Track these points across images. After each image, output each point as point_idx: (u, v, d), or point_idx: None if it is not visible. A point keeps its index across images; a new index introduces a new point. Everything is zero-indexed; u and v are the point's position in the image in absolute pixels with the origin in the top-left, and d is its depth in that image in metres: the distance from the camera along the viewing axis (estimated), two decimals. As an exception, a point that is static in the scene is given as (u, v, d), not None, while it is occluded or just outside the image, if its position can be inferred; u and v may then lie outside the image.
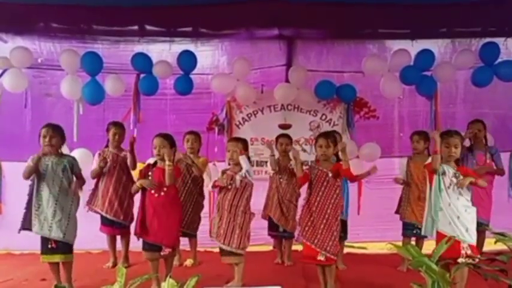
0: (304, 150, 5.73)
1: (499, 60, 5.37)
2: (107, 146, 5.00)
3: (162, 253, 4.06)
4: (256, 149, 5.54)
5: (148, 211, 4.08)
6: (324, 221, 3.95)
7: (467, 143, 4.97)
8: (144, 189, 4.12)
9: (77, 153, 5.30)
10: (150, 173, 4.13)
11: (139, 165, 4.82)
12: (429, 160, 3.95)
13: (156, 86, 5.47)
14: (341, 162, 4.05)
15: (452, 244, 3.35)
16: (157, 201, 4.06)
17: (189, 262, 5.09)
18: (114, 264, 4.98)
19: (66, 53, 5.37)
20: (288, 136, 5.20)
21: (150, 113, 5.79)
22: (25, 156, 4.10)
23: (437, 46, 5.79)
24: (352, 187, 5.65)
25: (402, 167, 4.98)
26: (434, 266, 2.96)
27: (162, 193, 4.08)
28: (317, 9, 5.12)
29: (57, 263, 4.08)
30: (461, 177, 3.76)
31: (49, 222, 3.96)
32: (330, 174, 3.96)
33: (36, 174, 4.01)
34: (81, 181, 4.21)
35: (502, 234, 3.35)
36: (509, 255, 3.23)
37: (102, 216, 4.94)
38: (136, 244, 4.43)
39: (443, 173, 3.79)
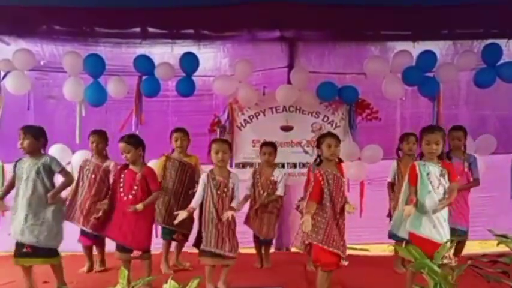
0: (306, 152, 5.72)
1: (502, 61, 5.36)
2: (92, 156, 4.92)
3: (132, 255, 4.06)
4: (258, 151, 5.51)
5: (117, 213, 4.09)
6: (343, 225, 3.93)
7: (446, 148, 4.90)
8: (113, 192, 4.13)
9: (78, 155, 5.32)
10: (122, 176, 4.13)
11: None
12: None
13: (158, 88, 5.49)
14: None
15: (434, 247, 3.35)
16: (126, 204, 4.04)
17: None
18: (90, 269, 4.93)
19: (69, 55, 5.39)
20: (272, 144, 5.16)
21: (152, 115, 5.80)
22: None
23: (438, 48, 5.78)
24: (354, 189, 5.67)
25: (392, 169, 4.97)
26: (436, 268, 2.95)
27: (131, 196, 4.06)
28: (318, 11, 5.13)
29: (30, 267, 4.01)
30: (447, 176, 3.74)
31: (21, 226, 3.89)
32: (343, 179, 3.93)
33: (15, 178, 3.99)
34: (67, 179, 4.09)
35: (504, 236, 3.34)
36: (511, 257, 3.22)
37: (81, 230, 4.86)
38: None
39: (428, 173, 3.74)
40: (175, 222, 4.11)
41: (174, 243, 5.07)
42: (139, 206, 3.99)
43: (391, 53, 5.87)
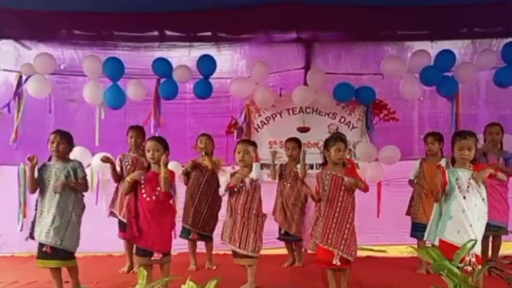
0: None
1: (522, 60, 5.29)
2: (129, 150, 5.05)
3: (152, 258, 4.02)
4: (272, 150, 5.51)
5: (140, 215, 4.06)
6: (348, 225, 3.93)
7: (481, 145, 4.85)
8: (135, 193, 4.11)
9: (98, 158, 5.39)
10: (143, 177, 4.11)
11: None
12: (442, 162, 3.89)
13: (176, 91, 5.54)
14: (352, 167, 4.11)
15: (455, 252, 3.31)
16: (148, 205, 4.03)
17: (207, 266, 5.13)
18: (130, 269, 4.99)
19: (89, 59, 5.47)
20: (296, 140, 5.24)
21: (170, 117, 5.87)
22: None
23: (457, 47, 5.72)
24: (372, 190, 5.62)
25: (415, 168, 4.96)
26: (456, 270, 2.92)
27: (154, 197, 4.03)
28: (335, 12, 5.12)
29: (59, 269, 4.05)
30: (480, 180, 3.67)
31: (47, 228, 3.94)
32: (346, 179, 3.93)
33: (41, 181, 4.03)
34: (82, 186, 4.12)
35: (525, 237, 3.30)
36: (533, 259, 3.17)
37: (119, 222, 4.96)
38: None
39: (458, 178, 3.69)
40: None
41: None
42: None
43: (409, 52, 5.84)
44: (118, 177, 4.94)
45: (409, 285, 4.41)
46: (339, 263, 3.85)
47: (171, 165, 5.04)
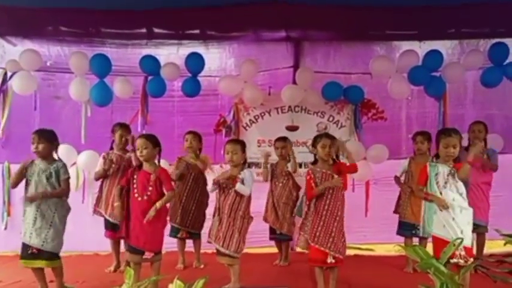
0: (312, 152, 5.70)
1: (508, 60, 5.32)
2: (111, 148, 4.99)
3: (143, 257, 4.01)
4: (264, 151, 5.50)
5: (131, 214, 4.05)
6: (335, 223, 3.94)
7: (465, 142, 4.90)
8: (128, 192, 4.09)
9: (84, 156, 5.34)
10: (135, 176, 4.10)
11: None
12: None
13: (164, 88, 5.50)
14: (342, 161, 4.11)
15: (445, 246, 3.34)
16: (140, 205, 4.01)
17: (195, 265, 5.12)
18: (116, 268, 4.94)
19: (75, 55, 5.41)
20: (284, 139, 5.23)
21: (157, 115, 5.82)
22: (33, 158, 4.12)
23: (445, 47, 5.75)
24: (360, 189, 5.66)
25: (403, 166, 5.00)
26: (442, 268, 2.94)
27: (145, 197, 4.01)
28: (324, 11, 5.11)
29: (41, 269, 4.00)
30: (457, 175, 3.74)
31: (30, 229, 3.90)
32: (335, 176, 3.95)
33: (25, 181, 3.99)
34: (61, 193, 4.02)
35: (511, 236, 3.33)
36: (518, 257, 3.20)
37: (105, 221, 4.90)
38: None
39: (437, 173, 3.77)
40: None
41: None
42: (152, 212, 3.92)
43: (397, 52, 5.86)
44: (102, 176, 4.88)
45: (397, 284, 4.42)
46: (333, 261, 3.88)
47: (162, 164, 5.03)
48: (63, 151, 5.21)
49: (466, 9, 5.05)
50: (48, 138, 4.04)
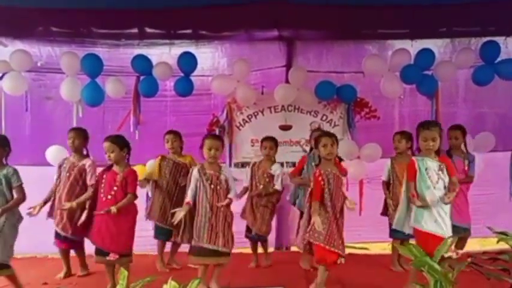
0: (305, 151, 5.71)
1: (500, 59, 5.35)
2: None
3: (107, 258, 3.97)
4: (257, 151, 5.50)
5: (97, 215, 4.01)
6: (339, 223, 3.96)
7: (445, 146, 4.88)
8: (96, 192, 4.07)
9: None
10: (104, 176, 4.07)
11: (139, 168, 4.81)
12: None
13: (156, 88, 5.47)
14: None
15: (438, 241, 3.36)
16: (105, 204, 3.97)
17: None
18: (67, 275, 4.74)
19: (67, 55, 5.37)
20: (273, 139, 5.12)
21: (150, 115, 5.79)
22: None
23: (436, 46, 5.77)
24: (354, 187, 5.66)
25: (386, 168, 4.97)
26: (436, 266, 2.95)
27: (110, 196, 3.98)
28: (316, 10, 5.12)
29: (13, 275, 3.89)
30: (446, 170, 3.78)
31: None
32: (342, 177, 3.96)
33: None
34: (19, 199, 3.86)
35: (504, 233, 3.35)
36: (511, 254, 3.22)
37: (56, 231, 4.63)
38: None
39: (427, 168, 3.77)
40: (175, 222, 4.05)
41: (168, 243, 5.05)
42: (113, 209, 3.88)
43: (389, 51, 5.88)
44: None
45: (391, 282, 4.43)
46: (343, 262, 3.91)
47: (150, 164, 5.01)
48: (54, 152, 5.19)
49: (457, 8, 5.08)
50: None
